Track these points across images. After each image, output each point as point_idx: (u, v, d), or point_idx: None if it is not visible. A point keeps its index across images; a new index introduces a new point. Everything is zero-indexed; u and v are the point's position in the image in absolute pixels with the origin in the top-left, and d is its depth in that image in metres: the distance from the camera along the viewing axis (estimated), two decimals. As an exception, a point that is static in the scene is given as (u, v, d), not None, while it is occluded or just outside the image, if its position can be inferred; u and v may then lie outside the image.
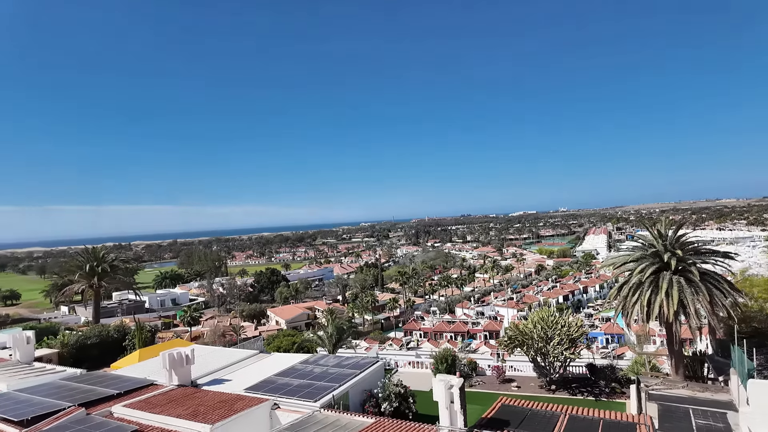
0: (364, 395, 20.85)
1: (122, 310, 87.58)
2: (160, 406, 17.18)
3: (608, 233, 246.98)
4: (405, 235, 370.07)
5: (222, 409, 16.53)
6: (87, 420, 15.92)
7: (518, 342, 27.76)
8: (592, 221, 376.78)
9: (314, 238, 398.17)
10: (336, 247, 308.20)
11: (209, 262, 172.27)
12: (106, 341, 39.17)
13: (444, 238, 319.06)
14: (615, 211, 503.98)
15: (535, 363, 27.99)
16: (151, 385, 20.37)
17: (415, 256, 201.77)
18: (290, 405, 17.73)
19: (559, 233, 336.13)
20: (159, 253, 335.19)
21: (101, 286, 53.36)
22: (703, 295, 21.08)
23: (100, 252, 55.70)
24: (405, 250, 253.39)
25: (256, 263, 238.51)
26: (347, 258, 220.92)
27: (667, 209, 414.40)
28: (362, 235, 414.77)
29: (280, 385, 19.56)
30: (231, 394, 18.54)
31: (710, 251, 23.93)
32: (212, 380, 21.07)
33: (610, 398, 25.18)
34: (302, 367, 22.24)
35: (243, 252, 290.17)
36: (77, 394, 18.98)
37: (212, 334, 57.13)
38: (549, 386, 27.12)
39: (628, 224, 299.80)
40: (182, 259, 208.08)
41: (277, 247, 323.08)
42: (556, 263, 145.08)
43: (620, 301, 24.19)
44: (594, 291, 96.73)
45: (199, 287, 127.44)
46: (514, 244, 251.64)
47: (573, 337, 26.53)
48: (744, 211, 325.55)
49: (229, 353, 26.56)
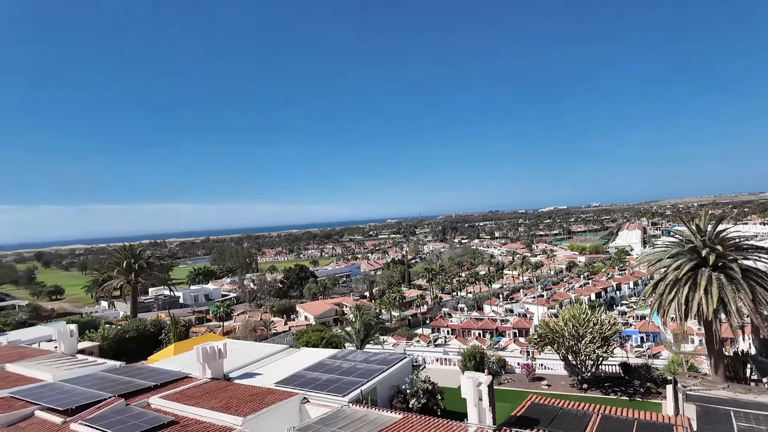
0: (391, 391, 20.94)
1: (158, 305, 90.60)
2: (195, 398, 17.73)
3: (643, 228, 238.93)
4: (432, 232, 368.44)
5: (253, 402, 16.92)
6: (126, 410, 16.59)
7: (548, 340, 27.28)
8: (625, 216, 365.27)
9: (341, 235, 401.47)
10: (363, 243, 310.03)
11: (240, 258, 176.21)
12: (143, 335, 40.73)
13: (471, 235, 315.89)
14: (650, 206, 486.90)
15: (566, 361, 27.45)
16: (186, 377, 21.03)
17: (442, 253, 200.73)
18: (319, 399, 17.98)
19: (591, 229, 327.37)
20: (192, 250, 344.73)
21: (138, 282, 55.36)
22: (745, 293, 20.16)
23: (137, 249, 57.80)
24: (432, 246, 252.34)
25: (285, 260, 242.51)
26: (374, 254, 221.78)
27: (706, 203, 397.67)
28: (388, 232, 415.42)
29: (309, 379, 19.85)
30: (262, 388, 18.95)
31: (753, 247, 22.87)
32: (244, 374, 21.58)
33: (645, 398, 24.45)
34: (331, 362, 22.50)
35: (272, 249, 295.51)
36: (117, 385, 19.80)
37: (243, 329, 58.48)
38: (580, 385, 26.55)
39: (663, 219, 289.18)
40: (214, 256, 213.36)
41: (306, 243, 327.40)
42: (588, 260, 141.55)
43: (656, 298, 23.42)
44: (628, 288, 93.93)
45: (231, 283, 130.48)
46: (544, 240, 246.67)
47: (605, 335, 25.88)
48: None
49: (260, 348, 27.14)
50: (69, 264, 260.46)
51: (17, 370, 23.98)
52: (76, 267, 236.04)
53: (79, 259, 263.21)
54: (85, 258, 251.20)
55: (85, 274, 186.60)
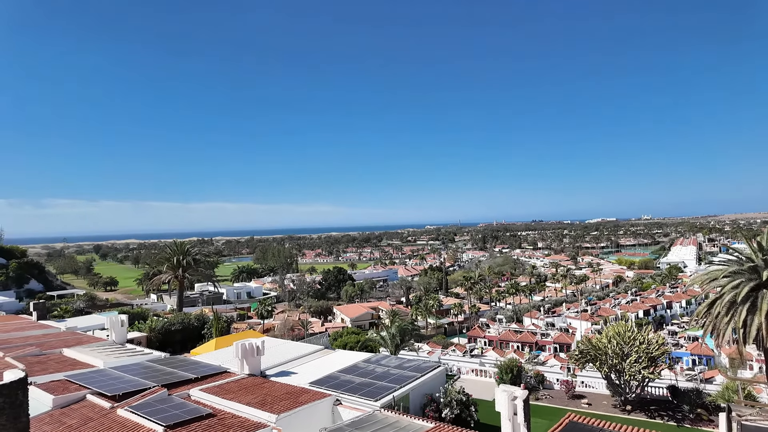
0: (424, 399, 20.76)
1: (202, 301, 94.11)
2: (232, 392, 18.28)
3: (698, 244, 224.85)
4: (471, 240, 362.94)
5: (288, 401, 17.24)
6: (168, 400, 17.33)
7: (590, 357, 26.22)
8: (679, 231, 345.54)
9: (380, 239, 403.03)
10: (401, 248, 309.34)
11: (282, 258, 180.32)
12: (187, 328, 42.45)
13: (513, 244, 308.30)
14: (707, 221, 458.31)
15: (609, 380, 26.25)
16: (225, 372, 21.72)
17: (482, 262, 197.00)
18: (352, 402, 18.08)
19: (641, 243, 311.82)
20: (237, 249, 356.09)
21: (185, 277, 57.81)
22: (813, 319, 18.59)
23: (185, 246, 60.46)
24: (471, 254, 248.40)
25: (325, 261, 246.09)
26: (412, 260, 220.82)
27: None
28: (427, 238, 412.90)
29: (342, 381, 20.01)
30: (296, 387, 19.28)
31: (823, 269, 21.02)
32: (280, 372, 22.04)
33: (694, 425, 23.01)
34: (364, 366, 22.59)
35: (313, 250, 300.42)
36: (161, 375, 20.72)
37: (282, 328, 59.67)
38: (623, 406, 25.31)
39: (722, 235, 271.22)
40: (258, 255, 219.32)
41: (344, 246, 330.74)
42: (637, 275, 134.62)
43: (710, 320, 22.01)
44: (680, 307, 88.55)
45: (272, 282, 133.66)
46: (590, 252, 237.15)
47: (653, 355, 24.58)
48: None
49: (296, 347, 27.64)
50: (123, 257, 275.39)
51: (73, 355, 25.61)
52: (129, 260, 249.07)
53: (133, 253, 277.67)
54: (138, 252, 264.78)
55: (138, 268, 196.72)
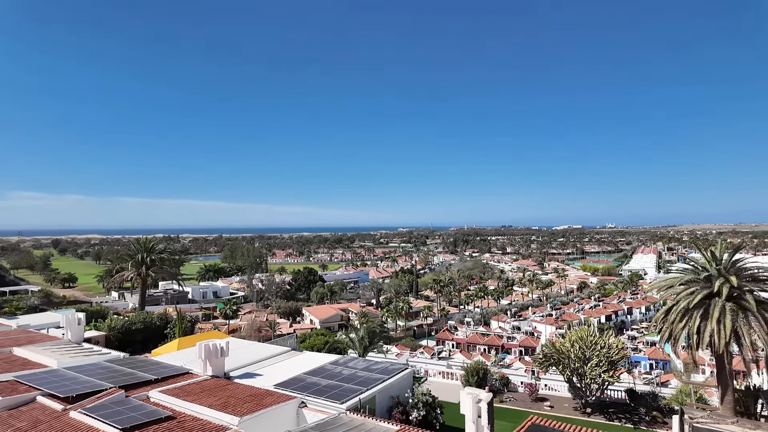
0: (391, 401, 20.75)
1: (167, 300, 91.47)
2: (194, 394, 17.78)
3: (658, 253, 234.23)
4: (443, 243, 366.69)
5: (251, 403, 16.90)
6: (125, 402, 16.69)
7: (554, 360, 26.84)
8: (641, 240, 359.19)
9: (352, 241, 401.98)
10: (373, 250, 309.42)
11: (251, 258, 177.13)
12: (149, 328, 41.14)
13: (483, 248, 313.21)
14: (667, 230, 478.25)
15: (571, 383, 26.93)
16: (187, 373, 21.12)
17: (452, 265, 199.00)
18: (317, 404, 17.89)
19: (605, 250, 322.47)
20: (204, 247, 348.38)
21: (149, 275, 55.99)
22: (760, 326, 19.60)
23: (150, 243, 58.53)
24: (442, 257, 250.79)
25: (295, 262, 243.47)
26: (383, 262, 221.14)
27: (725, 231, 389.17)
28: (399, 240, 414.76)
29: (309, 383, 19.79)
30: (261, 389, 18.94)
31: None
32: (244, 373, 21.60)
33: (650, 427, 23.88)
34: (332, 368, 22.41)
35: (283, 250, 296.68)
36: (119, 376, 19.96)
37: (249, 328, 58.64)
38: (584, 409, 26.02)
39: (680, 245, 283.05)
40: (226, 254, 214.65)
41: (316, 247, 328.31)
42: (600, 281, 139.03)
43: (667, 325, 22.89)
44: (639, 313, 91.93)
45: (240, 282, 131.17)
46: (556, 258, 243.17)
47: (613, 359, 25.37)
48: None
49: (263, 348, 27.17)
50: (84, 253, 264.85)
51: (24, 354, 24.37)
52: (90, 256, 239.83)
53: (94, 248, 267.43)
54: (100, 248, 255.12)
55: (99, 264, 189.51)
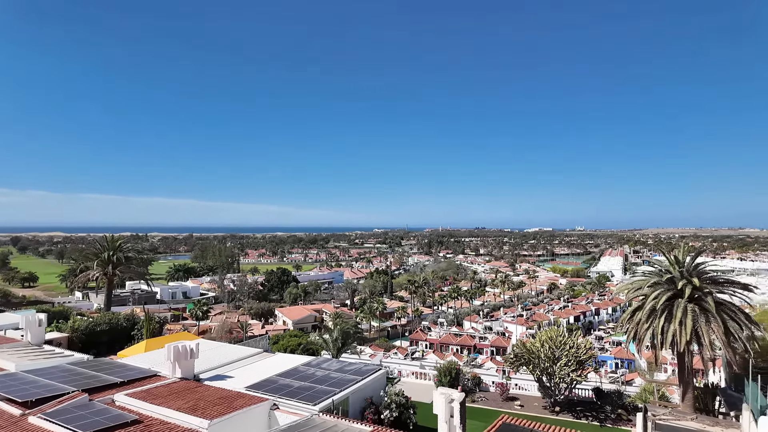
0: (364, 402, 20.72)
1: (134, 300, 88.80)
2: (161, 397, 17.30)
3: (625, 256, 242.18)
4: (417, 244, 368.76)
5: (221, 406, 16.57)
6: (89, 406, 16.10)
7: (524, 360, 27.35)
8: (608, 242, 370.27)
9: (327, 241, 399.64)
10: (348, 251, 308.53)
11: (222, 257, 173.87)
12: (115, 329, 39.80)
13: (457, 250, 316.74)
14: (633, 234, 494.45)
15: (540, 383, 27.51)
16: (155, 376, 20.55)
17: (427, 266, 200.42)
18: (289, 406, 17.69)
19: (574, 252, 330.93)
20: (174, 246, 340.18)
21: (115, 274, 54.20)
22: (718, 326, 20.47)
23: (117, 241, 56.65)
24: (416, 258, 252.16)
25: (268, 262, 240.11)
26: (358, 263, 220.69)
27: (687, 235, 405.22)
28: (374, 241, 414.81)
29: (281, 385, 19.54)
30: (232, 391, 18.60)
31: (728, 281, 23.27)
32: (215, 375, 21.17)
33: (615, 425, 24.60)
34: (304, 370, 22.21)
35: (256, 250, 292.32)
36: (82, 379, 19.23)
37: (220, 330, 57.54)
38: (553, 407, 26.60)
39: (645, 248, 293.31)
40: (196, 253, 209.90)
41: (290, 247, 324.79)
42: (570, 283, 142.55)
43: (632, 326, 23.65)
44: (606, 313, 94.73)
45: (211, 282, 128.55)
46: (527, 260, 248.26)
47: (581, 359, 26.03)
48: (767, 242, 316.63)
49: (234, 350, 26.70)
50: (46, 251, 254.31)
51: (-21, 357, 23.20)
52: (53, 255, 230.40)
53: (57, 247, 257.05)
54: (63, 246, 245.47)
55: (62, 263, 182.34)
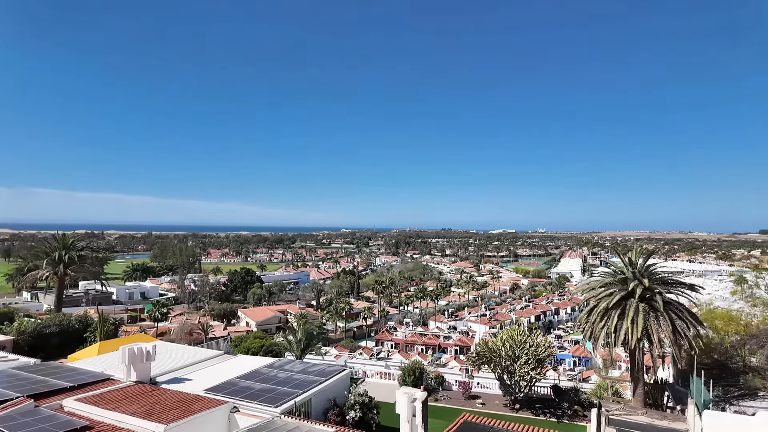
0: (327, 403, 20.58)
1: (87, 301, 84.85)
2: (115, 402, 16.61)
3: (583, 257, 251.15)
4: (385, 245, 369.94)
5: (179, 409, 16.07)
6: (34, 412, 15.26)
7: (486, 359, 27.87)
8: (568, 244, 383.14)
9: (293, 241, 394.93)
10: (315, 251, 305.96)
11: (183, 257, 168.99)
12: (66, 331, 37.89)
13: (423, 250, 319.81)
14: (592, 236, 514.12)
15: (501, 381, 28.13)
16: (108, 379, 19.71)
17: (394, 266, 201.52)
18: (250, 409, 17.35)
19: (536, 254, 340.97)
20: (132, 245, 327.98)
21: (66, 274, 51.62)
22: (666, 325, 21.55)
23: (69, 239, 53.99)
24: (384, 259, 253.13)
25: (232, 262, 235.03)
26: (325, 263, 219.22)
27: (641, 238, 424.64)
28: (342, 241, 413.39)
29: (241, 388, 19.14)
30: (190, 394, 18.07)
31: (676, 282, 24.52)
32: (172, 378, 20.51)
33: (572, 420, 25.43)
34: (266, 371, 21.85)
35: (219, 250, 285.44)
36: (27, 384, 18.21)
37: (179, 331, 55.85)
38: (513, 405, 27.24)
39: (603, 250, 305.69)
40: (155, 252, 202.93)
41: (255, 247, 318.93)
42: (531, 283, 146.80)
43: (588, 325, 24.55)
44: (566, 313, 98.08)
45: (170, 282, 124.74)
46: (491, 261, 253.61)
47: (540, 357, 26.77)
48: (714, 246, 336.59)
49: (193, 352, 25.95)
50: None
51: None
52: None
53: (4, 244, 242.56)
54: (11, 244, 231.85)
55: (8, 262, 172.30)
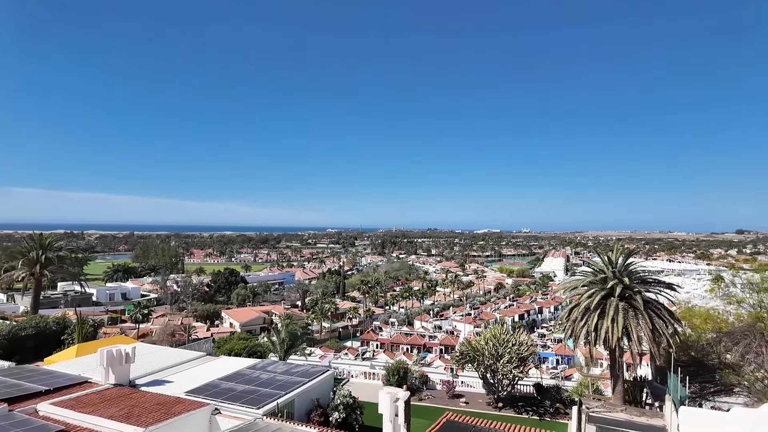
0: (311, 404, 20.49)
1: (66, 302, 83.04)
2: (92, 405, 16.29)
3: (566, 257, 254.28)
4: (371, 244, 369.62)
5: (158, 412, 15.83)
6: (8, 417, 14.88)
7: (469, 358, 28.05)
8: (552, 244, 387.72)
9: (278, 241, 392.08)
10: (300, 251, 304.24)
11: (166, 257, 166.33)
12: (43, 333, 37.05)
13: (409, 250, 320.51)
14: (575, 236, 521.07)
15: (485, 380, 28.33)
16: (85, 383, 19.32)
17: (380, 266, 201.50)
18: (232, 411, 17.19)
19: (520, 253, 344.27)
20: (114, 245, 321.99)
21: (44, 274, 50.44)
22: (646, 323, 21.95)
23: (47, 239, 52.72)
24: (370, 259, 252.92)
25: (216, 262, 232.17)
26: (311, 263, 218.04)
27: (623, 238, 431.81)
28: (328, 241, 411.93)
29: (223, 389, 18.95)
30: (170, 397, 17.81)
31: (655, 281, 24.99)
32: (152, 381, 20.20)
33: (554, 418, 25.73)
34: (249, 373, 21.67)
35: (202, 250, 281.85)
36: (1, 388, 17.74)
37: (161, 333, 54.95)
38: (496, 403, 27.46)
39: (585, 249, 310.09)
40: (137, 253, 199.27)
41: (239, 247, 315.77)
42: (515, 282, 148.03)
43: (569, 324, 24.88)
44: (549, 312, 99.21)
45: (153, 283, 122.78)
46: (476, 260, 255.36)
47: (523, 355, 27.04)
48: (693, 245, 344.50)
49: (175, 354, 25.59)
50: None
51: None
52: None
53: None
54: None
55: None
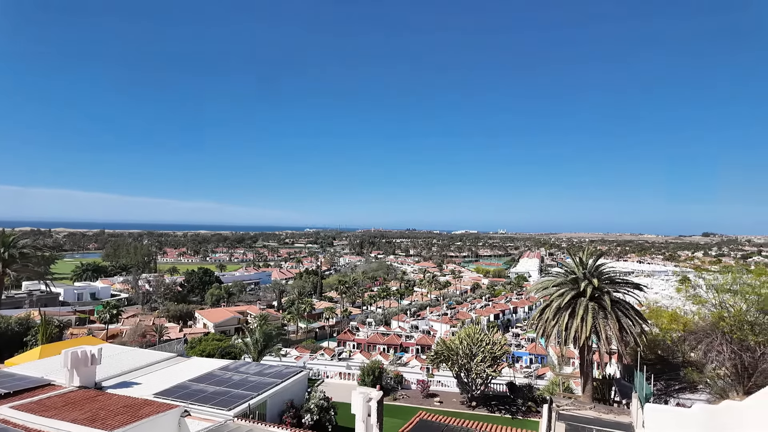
0: (284, 406, 20.30)
1: (31, 302, 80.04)
2: (55, 409, 15.75)
3: (541, 258, 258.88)
4: (350, 245, 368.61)
5: (125, 415, 15.42)
6: (-37, 422, 14.27)
7: (444, 357, 28.28)
8: (527, 245, 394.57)
9: (255, 240, 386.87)
10: (277, 251, 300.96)
11: (137, 256, 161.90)
12: (5, 334, 35.74)
13: (388, 250, 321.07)
14: (549, 237, 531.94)
15: (459, 379, 28.61)
16: (48, 385, 18.67)
17: (358, 266, 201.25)
18: (202, 413, 16.88)
19: (496, 254, 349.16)
20: (83, 243, 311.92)
21: (6, 273, 48.46)
22: (614, 322, 22.54)
23: (10, 236, 50.68)
24: (348, 259, 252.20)
25: (189, 261, 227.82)
26: (288, 263, 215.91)
27: (596, 239, 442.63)
28: (305, 241, 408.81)
29: (193, 391, 18.59)
30: (138, 399, 17.38)
31: (624, 281, 25.69)
32: (120, 383, 19.65)
33: (525, 416, 26.17)
34: (221, 374, 21.33)
35: (176, 249, 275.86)
36: (-43, 392, 17.00)
37: (132, 334, 53.52)
38: (470, 402, 27.76)
39: (559, 251, 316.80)
40: (108, 251, 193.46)
41: (214, 246, 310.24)
42: (491, 282, 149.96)
43: (541, 323, 25.35)
44: (523, 312, 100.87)
45: (124, 282, 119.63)
46: (453, 261, 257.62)
47: (496, 355, 27.42)
48: (662, 247, 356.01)
49: (144, 355, 24.97)
50: None
51: None
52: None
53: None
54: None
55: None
